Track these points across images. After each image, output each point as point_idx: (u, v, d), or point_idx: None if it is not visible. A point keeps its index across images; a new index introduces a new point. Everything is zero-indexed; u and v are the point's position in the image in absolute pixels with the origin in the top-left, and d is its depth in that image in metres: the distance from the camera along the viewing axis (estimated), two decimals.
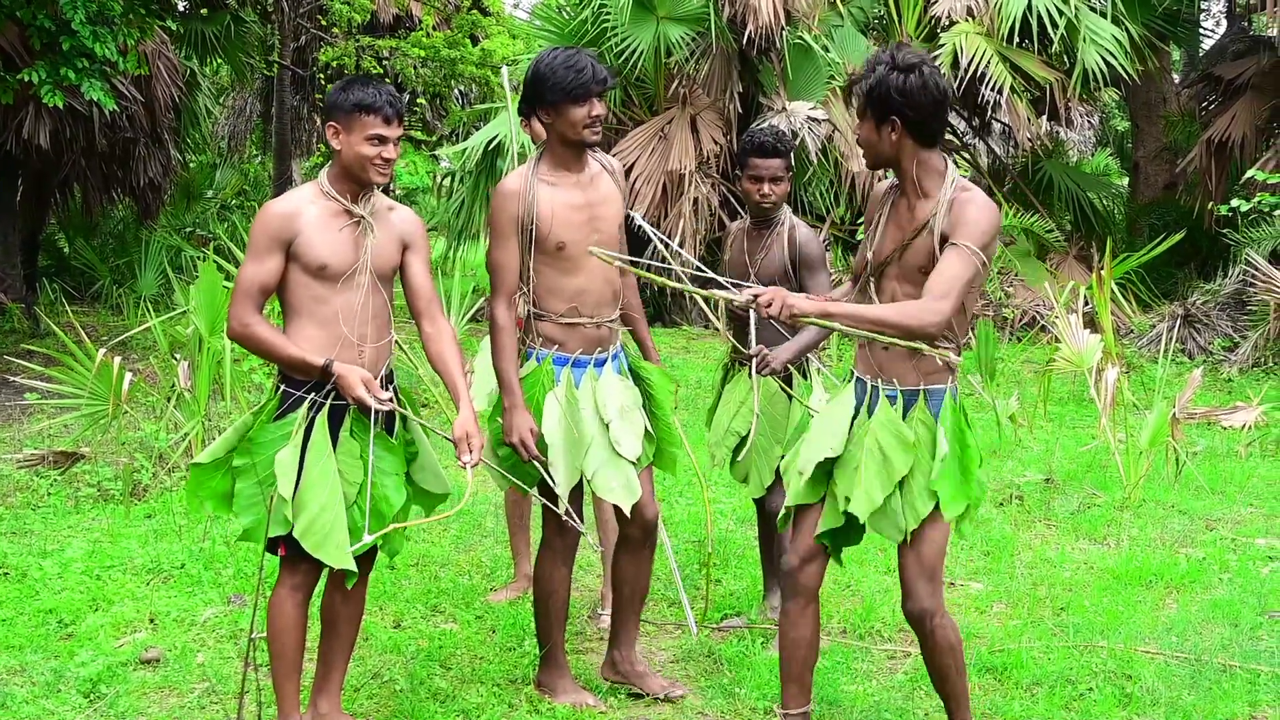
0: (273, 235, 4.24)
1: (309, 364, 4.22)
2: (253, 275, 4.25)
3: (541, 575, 4.88)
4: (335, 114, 4.31)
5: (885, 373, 4.24)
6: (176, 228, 18.39)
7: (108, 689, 4.96)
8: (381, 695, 4.98)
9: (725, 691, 5.04)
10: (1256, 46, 16.09)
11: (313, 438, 4.27)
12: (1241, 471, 8.66)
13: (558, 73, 4.60)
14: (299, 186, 4.47)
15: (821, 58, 15.42)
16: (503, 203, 4.65)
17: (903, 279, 4.17)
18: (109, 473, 8.03)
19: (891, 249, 4.18)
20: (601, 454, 4.70)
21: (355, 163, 4.28)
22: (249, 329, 4.26)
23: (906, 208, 4.16)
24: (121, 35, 11.58)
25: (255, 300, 4.27)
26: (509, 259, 4.67)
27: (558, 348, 4.73)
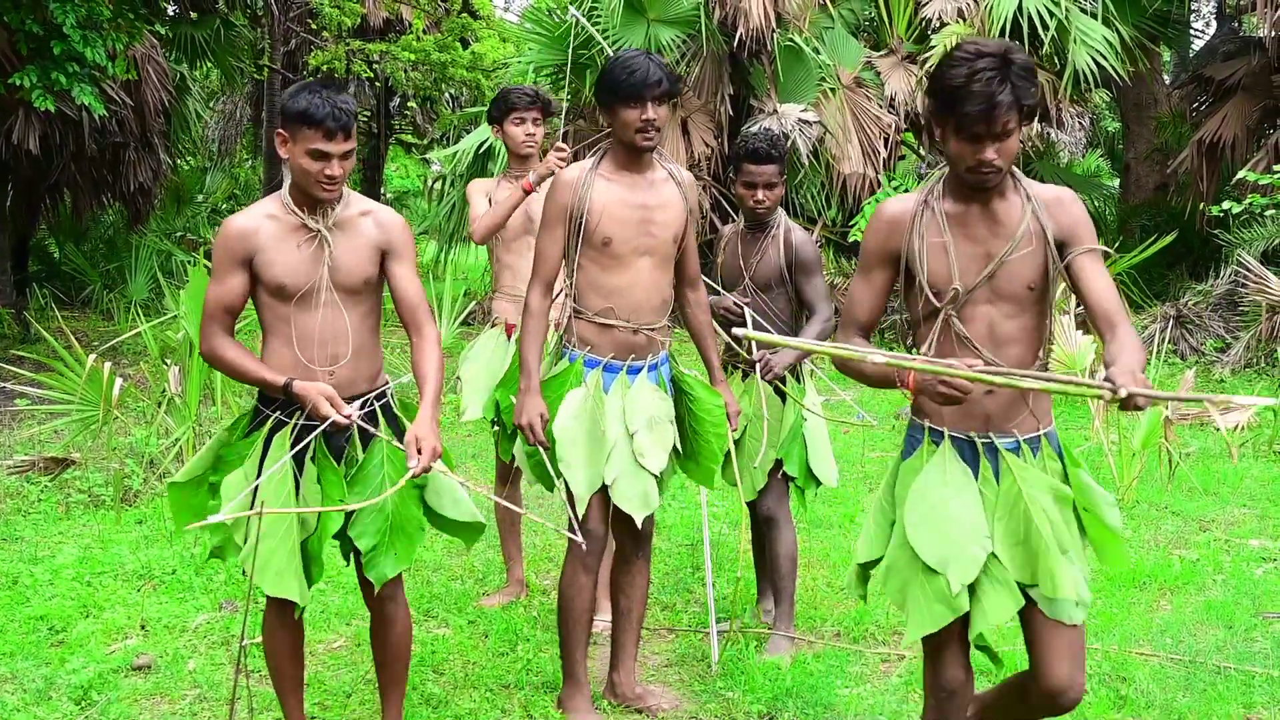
0: (231, 254, 4.06)
1: (270, 383, 4.05)
2: (216, 296, 4.09)
3: (563, 581, 4.79)
4: (284, 121, 4.03)
5: (997, 423, 3.61)
6: (167, 232, 18.37)
7: (99, 696, 4.94)
8: (374, 701, 4.95)
9: (719, 696, 5.02)
10: (1247, 47, 16.10)
11: (269, 459, 4.10)
12: (1234, 473, 8.66)
13: (612, 74, 4.55)
14: (263, 199, 4.23)
15: (812, 60, 15.42)
16: (556, 192, 4.63)
17: (999, 299, 3.55)
18: (100, 478, 8.01)
19: (980, 271, 3.54)
20: (623, 462, 4.62)
21: (300, 177, 4.04)
22: (214, 351, 4.12)
23: (984, 218, 3.55)
24: (110, 40, 11.56)
25: (221, 321, 4.11)
26: (552, 248, 4.66)
27: (590, 349, 4.68)
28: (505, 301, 6.05)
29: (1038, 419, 3.63)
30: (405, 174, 36.98)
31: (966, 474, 3.59)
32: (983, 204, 3.56)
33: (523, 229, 5.94)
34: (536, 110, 6.04)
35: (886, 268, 3.72)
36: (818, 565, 6.68)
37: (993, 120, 3.33)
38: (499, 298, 6.09)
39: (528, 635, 5.63)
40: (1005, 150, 3.40)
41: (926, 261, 3.59)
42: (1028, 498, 3.50)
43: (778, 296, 5.54)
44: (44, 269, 17.23)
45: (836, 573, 6.56)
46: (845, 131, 15.39)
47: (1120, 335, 3.31)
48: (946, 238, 3.56)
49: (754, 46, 15.02)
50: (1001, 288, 3.54)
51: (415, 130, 30.77)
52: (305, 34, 23.65)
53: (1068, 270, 3.51)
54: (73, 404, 7.95)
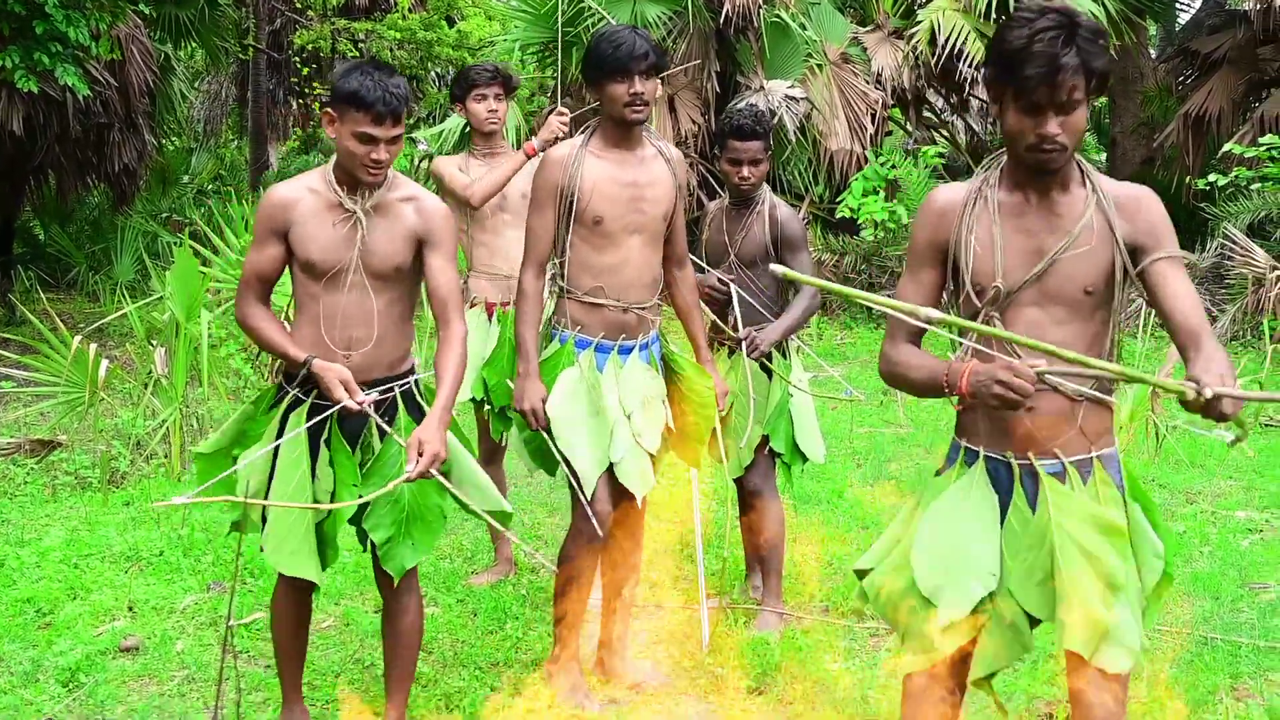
0: (271, 222, 4.05)
1: (290, 356, 4.04)
2: (252, 263, 4.10)
3: (566, 555, 4.71)
4: (332, 101, 4.00)
5: (1038, 443, 3.21)
6: (152, 213, 18.29)
7: (86, 678, 4.93)
8: (363, 679, 4.96)
9: (708, 671, 5.03)
10: (1233, 21, 16.10)
11: (285, 440, 4.08)
12: (1220, 445, 8.67)
13: (599, 48, 4.53)
14: (308, 172, 4.19)
15: (799, 36, 15.38)
16: (546, 170, 4.59)
17: (1050, 302, 3.19)
18: (86, 460, 7.99)
19: (1030, 268, 3.17)
20: (625, 441, 4.63)
21: (345, 158, 4.00)
22: (245, 319, 4.13)
23: (1040, 210, 3.20)
24: (94, 19, 11.48)
25: (255, 289, 4.12)
26: (543, 227, 4.62)
27: (580, 329, 4.66)
28: (483, 280, 6.03)
29: (1090, 439, 3.20)
30: None
31: (991, 500, 3.24)
32: (1041, 193, 3.17)
33: (497, 206, 5.95)
34: (498, 86, 6.01)
35: (936, 265, 3.28)
36: (806, 541, 6.68)
37: (1056, 86, 2.95)
38: (475, 276, 6.06)
39: (516, 613, 5.63)
40: (1071, 125, 3.01)
41: (972, 256, 3.19)
42: (1055, 528, 3.10)
43: (763, 273, 5.53)
44: (29, 251, 17.15)
45: (825, 548, 6.57)
46: (832, 108, 15.37)
47: (1205, 351, 2.91)
48: (995, 230, 3.18)
49: (740, 23, 14.98)
50: (1052, 289, 3.14)
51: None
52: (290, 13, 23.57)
53: (1142, 279, 3.11)
54: (59, 386, 7.93)
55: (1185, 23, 20.27)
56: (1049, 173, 3.12)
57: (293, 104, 29.58)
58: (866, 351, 13.24)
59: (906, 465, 8.34)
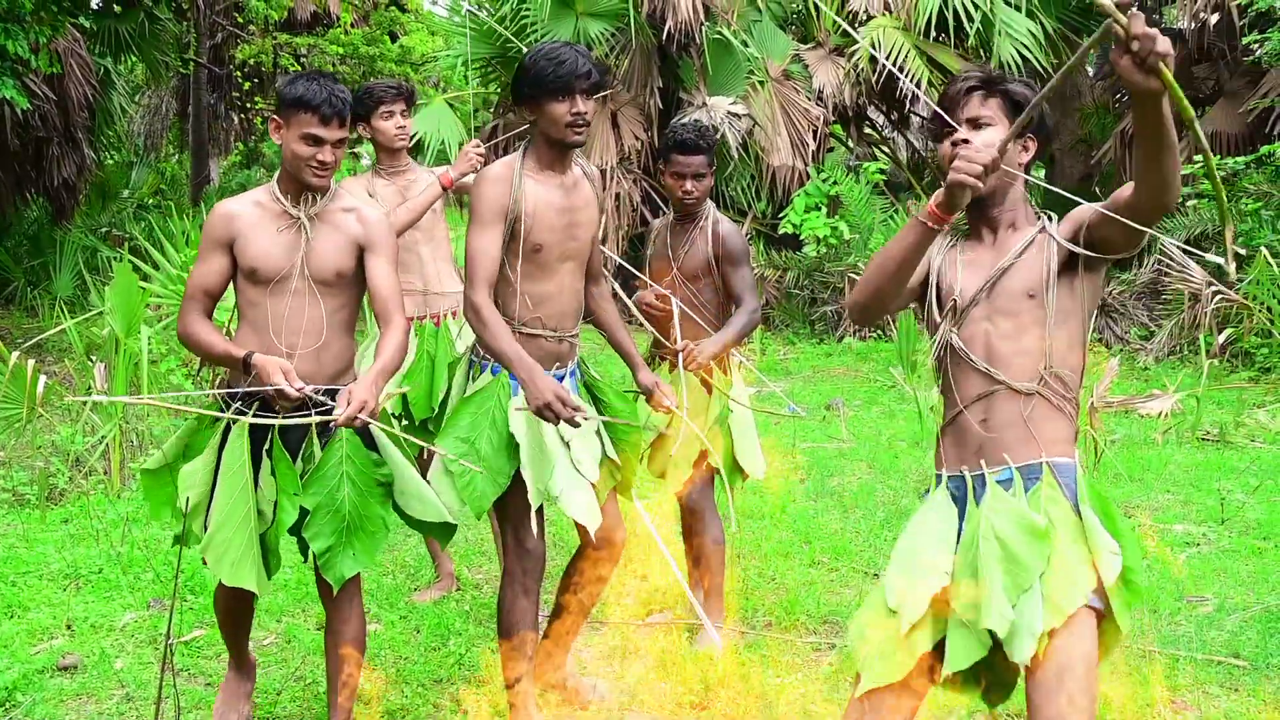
0: (214, 236, 4.15)
1: (232, 356, 4.08)
2: (198, 278, 4.18)
3: (504, 608, 4.51)
4: (279, 107, 4.16)
5: (989, 452, 3.33)
6: (92, 228, 18.13)
7: (24, 696, 4.88)
8: (305, 697, 4.93)
9: (652, 687, 5.03)
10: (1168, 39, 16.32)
11: (226, 450, 4.12)
12: (1159, 459, 8.77)
13: (539, 65, 4.33)
14: (255, 188, 4.31)
15: (741, 53, 15.47)
16: (489, 188, 4.35)
17: (996, 314, 3.35)
18: (24, 477, 7.91)
19: (979, 285, 3.37)
20: (567, 473, 4.45)
21: (291, 162, 4.13)
22: (188, 330, 4.17)
23: (988, 242, 3.48)
24: (33, 33, 11.40)
25: (200, 303, 4.18)
26: (491, 246, 4.33)
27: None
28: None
29: (1041, 445, 3.28)
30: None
31: (950, 514, 3.35)
32: (992, 231, 3.49)
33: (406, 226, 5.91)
34: (403, 101, 5.91)
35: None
36: (748, 556, 6.71)
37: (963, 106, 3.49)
38: None
39: (460, 630, 5.62)
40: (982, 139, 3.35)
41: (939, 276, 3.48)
42: (984, 527, 3.22)
43: (705, 287, 5.55)
44: None
45: (768, 563, 6.59)
46: (774, 124, 15.46)
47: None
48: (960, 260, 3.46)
49: (683, 39, 15.07)
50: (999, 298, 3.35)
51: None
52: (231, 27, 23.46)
53: (1100, 230, 3.36)
54: None
55: None
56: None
57: (234, 118, 29.42)
58: (809, 367, 13.29)
59: (849, 480, 8.38)
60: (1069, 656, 3.11)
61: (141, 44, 16.95)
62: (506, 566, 4.54)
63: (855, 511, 7.58)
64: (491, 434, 4.37)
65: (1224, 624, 5.63)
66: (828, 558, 6.72)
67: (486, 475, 4.34)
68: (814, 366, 13.34)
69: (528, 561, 4.49)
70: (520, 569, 4.49)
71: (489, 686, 5.00)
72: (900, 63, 15.13)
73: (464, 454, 4.31)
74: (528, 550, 4.48)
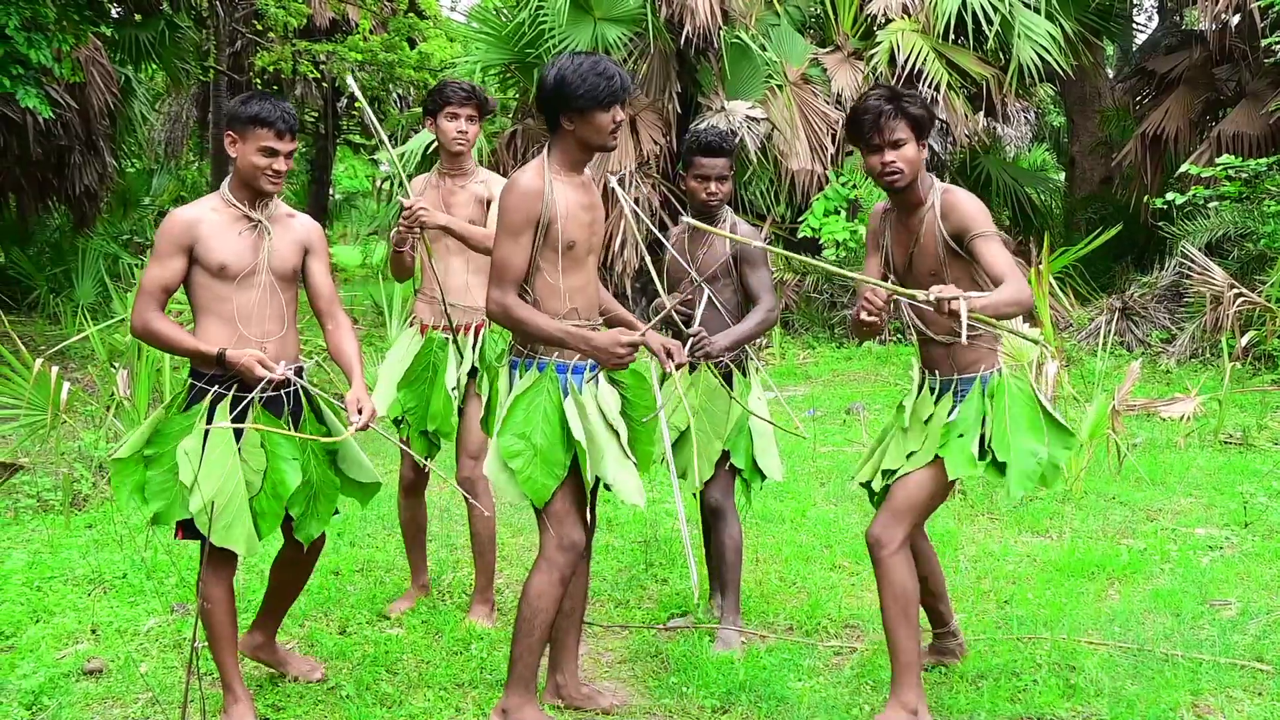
0: (175, 240, 4.56)
1: (204, 353, 4.54)
2: (156, 276, 4.57)
3: (533, 590, 4.55)
4: (234, 124, 4.62)
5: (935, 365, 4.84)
6: (113, 235, 18.23)
7: (50, 701, 4.91)
8: (329, 701, 4.95)
9: (673, 691, 5.04)
10: (1189, 41, 16.28)
11: (213, 429, 4.54)
12: (1181, 462, 8.75)
13: (589, 79, 4.41)
14: (202, 198, 4.75)
15: (759, 57, 15.48)
16: (521, 200, 4.43)
17: (917, 284, 4.60)
18: (48, 483, 7.95)
19: (903, 261, 4.76)
20: (617, 458, 4.58)
21: (249, 171, 4.61)
22: (149, 324, 4.57)
23: (905, 221, 4.76)
24: (55, 41, 11.47)
25: (157, 299, 4.58)
26: (517, 255, 4.43)
27: (557, 354, 4.54)
28: (422, 303, 6.00)
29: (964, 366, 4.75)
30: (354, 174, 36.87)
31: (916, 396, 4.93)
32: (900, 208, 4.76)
33: (441, 233, 5.92)
34: (471, 107, 5.89)
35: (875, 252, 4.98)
36: (769, 560, 6.71)
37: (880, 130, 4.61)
38: (418, 300, 6.04)
39: (481, 634, 5.63)
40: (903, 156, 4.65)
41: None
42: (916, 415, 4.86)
43: (723, 288, 5.59)
44: None
45: (789, 567, 6.59)
46: (793, 128, 15.46)
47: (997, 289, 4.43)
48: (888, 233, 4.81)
49: (701, 44, 15.07)
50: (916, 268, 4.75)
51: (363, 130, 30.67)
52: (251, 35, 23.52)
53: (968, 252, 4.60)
54: (20, 409, 7.89)
55: (1142, 43, 20.49)
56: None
57: None
58: (829, 371, 13.29)
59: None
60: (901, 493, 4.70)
61: (162, 52, 17.04)
62: (547, 554, 4.56)
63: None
64: (545, 427, 4.49)
65: (1247, 628, 5.61)
66: (849, 562, 6.72)
67: (544, 466, 4.48)
68: (834, 370, 13.34)
69: (571, 554, 4.56)
70: (562, 559, 4.55)
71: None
72: (919, 66, 15.11)
73: (521, 450, 4.48)
74: (573, 543, 4.55)
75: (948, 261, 4.64)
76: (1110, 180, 17.39)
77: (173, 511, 4.56)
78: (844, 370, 13.34)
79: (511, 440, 4.49)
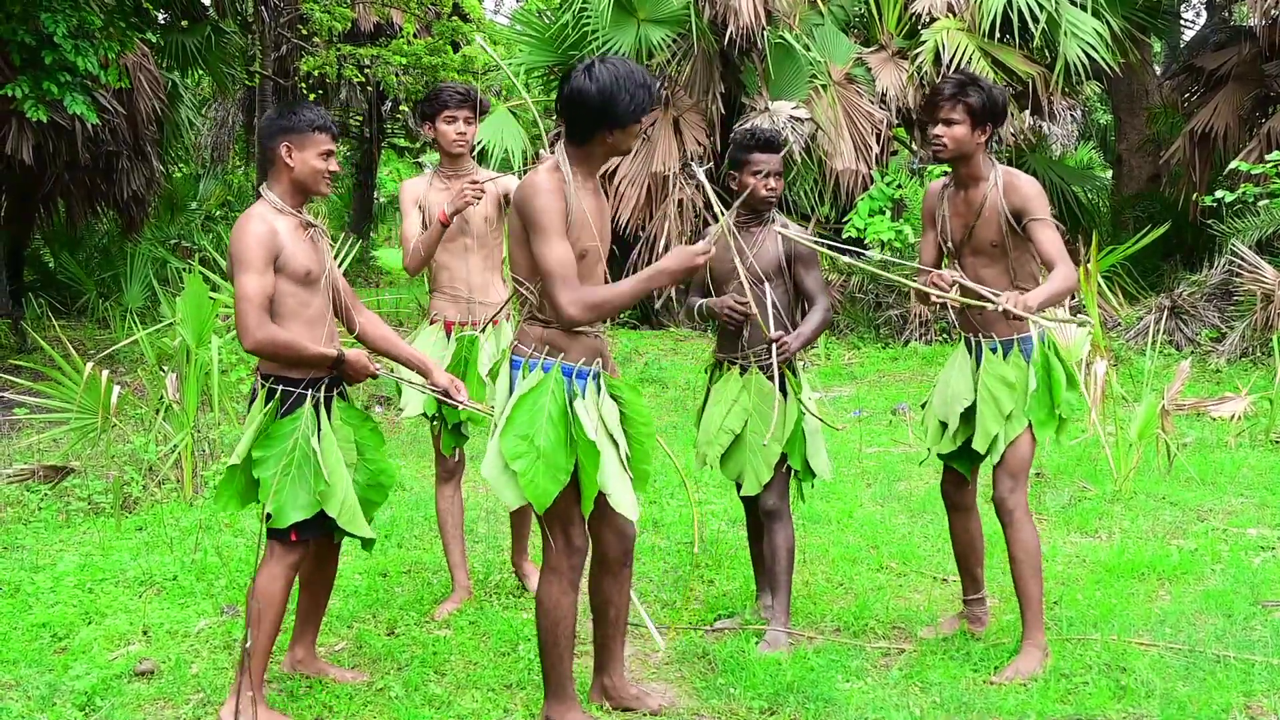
0: (267, 250, 4.63)
1: (327, 356, 4.72)
2: (259, 286, 4.62)
3: (547, 603, 4.54)
4: (288, 134, 4.76)
5: (978, 328, 5.35)
6: (161, 240, 18.36)
7: (103, 702, 4.95)
8: (377, 702, 4.97)
9: (720, 692, 5.04)
10: (1237, 37, 16.13)
11: (322, 429, 4.75)
12: (1232, 462, 8.68)
13: (635, 93, 4.33)
14: (252, 209, 4.79)
15: (803, 57, 15.44)
16: (552, 200, 4.32)
17: (976, 254, 5.33)
18: (99, 486, 8.02)
19: (961, 233, 5.34)
20: (615, 467, 4.49)
21: (310, 177, 4.77)
22: (274, 337, 4.63)
23: (965, 195, 5.35)
24: (102, 48, 11.57)
25: (267, 310, 4.64)
26: (567, 252, 4.31)
27: (562, 356, 4.46)
28: (444, 300, 6.08)
29: (1008, 329, 5.28)
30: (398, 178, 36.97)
31: (966, 359, 5.45)
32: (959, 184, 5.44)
33: (458, 230, 5.99)
34: (468, 109, 6.01)
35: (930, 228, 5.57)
36: (816, 561, 6.70)
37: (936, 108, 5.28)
38: (437, 297, 6.10)
39: (529, 635, 5.64)
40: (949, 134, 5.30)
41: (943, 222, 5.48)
42: (982, 376, 5.34)
43: (775, 288, 5.59)
44: (39, 278, 17.23)
45: (835, 568, 6.58)
46: (837, 128, 15.41)
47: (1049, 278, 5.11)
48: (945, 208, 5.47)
49: (744, 44, 15.05)
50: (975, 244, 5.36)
51: (407, 134, 30.75)
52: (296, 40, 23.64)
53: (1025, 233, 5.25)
54: (71, 412, 7.97)
55: (1190, 39, 20.31)
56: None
57: None
58: (874, 371, 13.25)
59: (916, 484, 8.35)
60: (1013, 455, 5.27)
61: (208, 57, 17.14)
62: (552, 564, 4.54)
63: (923, 516, 7.55)
64: (549, 430, 4.40)
65: None
66: (896, 562, 6.70)
67: (547, 470, 4.38)
68: (879, 370, 13.29)
69: (576, 559, 4.56)
70: (568, 565, 4.54)
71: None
72: (964, 64, 15.04)
73: (524, 452, 4.38)
74: (576, 548, 4.55)
75: (1009, 234, 5.23)
76: (1158, 178, 17.25)
77: (287, 510, 4.67)
78: (889, 371, 13.30)
79: (514, 442, 4.39)
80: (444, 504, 6.14)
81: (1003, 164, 5.35)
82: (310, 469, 4.70)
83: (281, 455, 4.68)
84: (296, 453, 4.69)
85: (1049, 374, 5.27)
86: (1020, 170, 5.31)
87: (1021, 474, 5.28)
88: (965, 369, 5.41)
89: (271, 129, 4.79)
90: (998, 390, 5.24)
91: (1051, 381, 5.26)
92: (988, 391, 5.27)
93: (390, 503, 7.93)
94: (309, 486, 4.69)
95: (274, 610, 4.75)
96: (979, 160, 5.32)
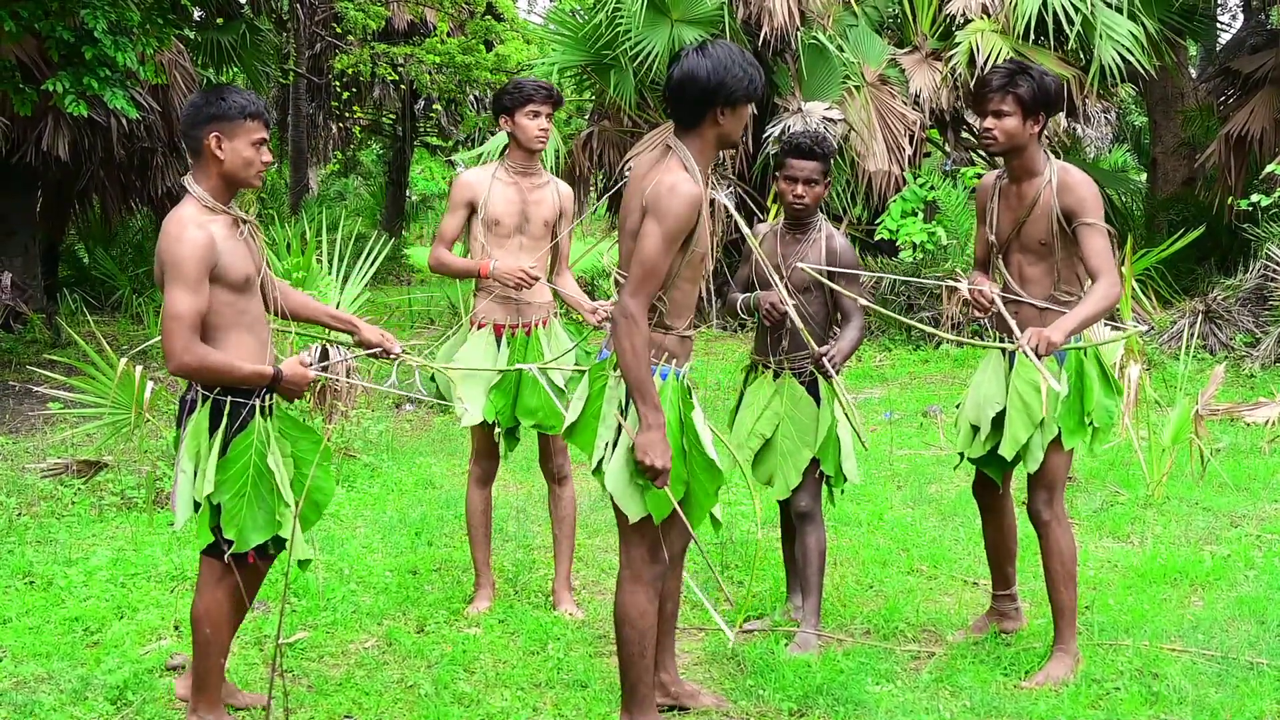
0: (205, 264, 4.24)
1: (263, 375, 4.39)
2: (193, 306, 4.22)
3: (634, 612, 4.42)
4: (217, 122, 4.33)
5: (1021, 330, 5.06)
6: None
7: (134, 696, 4.98)
8: (406, 700, 4.98)
9: (750, 693, 5.03)
10: (1274, 40, 16.01)
11: (272, 443, 4.47)
12: (1265, 467, 8.63)
13: (746, 70, 4.21)
14: (182, 210, 4.38)
15: (836, 58, 15.40)
16: (689, 209, 4.16)
17: (1024, 251, 5.19)
18: (132, 481, 8.06)
19: (1010, 229, 5.20)
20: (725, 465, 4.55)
21: (241, 169, 4.37)
22: (203, 360, 4.26)
23: (1017, 189, 5.19)
24: (140, 45, 11.63)
25: (198, 330, 4.26)
26: (665, 264, 4.21)
27: (676, 362, 4.40)
28: (493, 302, 5.88)
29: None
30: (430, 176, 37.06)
31: (999, 363, 5.29)
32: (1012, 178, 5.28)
33: (516, 227, 5.89)
34: (550, 105, 5.85)
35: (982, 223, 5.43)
36: (846, 563, 6.69)
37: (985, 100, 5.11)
38: (484, 297, 5.89)
39: (558, 634, 5.65)
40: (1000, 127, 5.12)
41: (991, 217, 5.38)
42: (1012, 380, 5.19)
43: (814, 299, 5.59)
44: (74, 274, 17.33)
45: (865, 570, 6.57)
46: (870, 129, 15.36)
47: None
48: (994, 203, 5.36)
49: (778, 45, 15.03)
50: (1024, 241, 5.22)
51: (440, 133, 30.83)
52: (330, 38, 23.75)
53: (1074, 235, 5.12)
54: (104, 407, 8.00)
55: (1226, 42, 20.18)
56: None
57: (332, 128, 29.77)
58: (906, 373, 13.22)
59: (947, 487, 8.32)
60: (1048, 467, 5.20)
61: (243, 55, 17.20)
62: (637, 571, 4.44)
63: (954, 519, 7.53)
64: (672, 440, 4.29)
65: None
66: (926, 565, 6.68)
67: (672, 480, 4.30)
68: (910, 373, 13.26)
69: (659, 568, 4.46)
70: (651, 575, 4.45)
71: (587, 691, 5.03)
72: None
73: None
74: (660, 559, 4.45)
75: (1058, 234, 5.07)
76: (1193, 181, 17.14)
77: (249, 533, 4.44)
78: (921, 373, 13.26)
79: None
80: (478, 504, 6.10)
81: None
82: (266, 487, 4.43)
83: (240, 475, 4.40)
84: (251, 471, 4.41)
85: (1081, 380, 5.14)
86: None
87: (1058, 485, 5.22)
88: (998, 372, 5.23)
89: (197, 117, 4.37)
90: (1029, 396, 5.07)
91: (1084, 388, 5.14)
92: (1018, 397, 5.11)
93: (420, 500, 7.97)
94: (266, 506, 4.44)
95: (223, 633, 4.56)
96: (1033, 153, 5.11)
